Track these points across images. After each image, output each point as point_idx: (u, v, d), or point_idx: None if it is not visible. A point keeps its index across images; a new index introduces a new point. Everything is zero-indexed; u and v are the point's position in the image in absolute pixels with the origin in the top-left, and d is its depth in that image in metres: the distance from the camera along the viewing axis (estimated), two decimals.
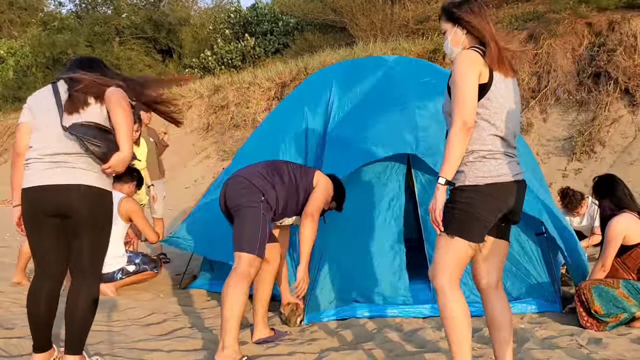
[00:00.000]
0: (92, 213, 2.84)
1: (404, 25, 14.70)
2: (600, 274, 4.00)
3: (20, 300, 4.49)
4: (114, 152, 2.82)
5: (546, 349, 3.38)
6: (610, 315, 3.78)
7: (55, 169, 2.81)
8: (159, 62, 23.67)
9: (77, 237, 2.86)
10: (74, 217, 2.82)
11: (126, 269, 4.93)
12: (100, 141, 2.80)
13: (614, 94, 9.91)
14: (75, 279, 2.91)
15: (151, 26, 23.71)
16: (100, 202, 2.89)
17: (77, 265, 2.90)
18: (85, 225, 2.84)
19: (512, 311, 4.17)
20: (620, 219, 3.98)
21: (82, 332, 2.88)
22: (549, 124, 10.39)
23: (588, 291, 3.84)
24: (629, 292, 3.83)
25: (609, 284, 3.87)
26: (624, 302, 3.80)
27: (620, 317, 3.81)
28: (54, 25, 23.72)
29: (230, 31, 20.09)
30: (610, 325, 3.81)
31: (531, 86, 10.86)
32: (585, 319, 3.83)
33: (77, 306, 2.84)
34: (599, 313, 3.77)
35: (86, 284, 2.88)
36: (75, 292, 2.88)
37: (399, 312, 4.18)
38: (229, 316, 3.12)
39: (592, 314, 3.79)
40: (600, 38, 10.54)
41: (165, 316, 4.21)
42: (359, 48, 13.86)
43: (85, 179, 2.82)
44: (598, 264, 4.03)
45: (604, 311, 3.76)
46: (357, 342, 3.61)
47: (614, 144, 9.44)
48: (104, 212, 2.93)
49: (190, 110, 16.06)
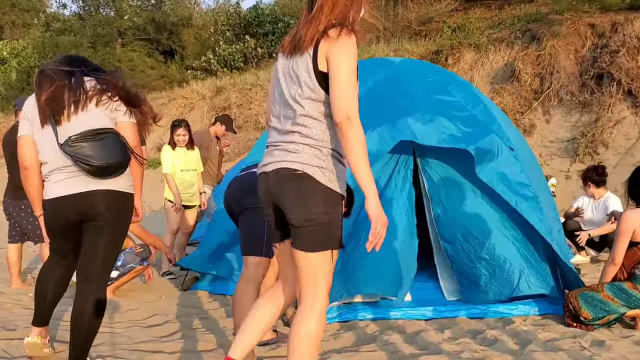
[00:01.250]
0: (116, 215, 2.84)
1: (406, 27, 14.70)
2: (611, 268, 4.00)
3: (22, 302, 4.50)
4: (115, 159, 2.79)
5: (549, 351, 3.37)
6: (598, 318, 3.82)
7: (75, 177, 2.79)
8: (161, 63, 23.70)
9: (97, 237, 2.83)
10: (98, 220, 2.81)
11: None
12: (96, 157, 2.74)
13: (617, 96, 9.90)
14: (82, 283, 2.85)
15: (153, 28, 23.76)
16: (124, 203, 2.89)
17: (88, 266, 2.84)
18: (108, 226, 2.83)
19: (515, 313, 4.21)
20: (632, 213, 3.98)
21: (88, 340, 2.85)
22: (551, 125, 10.37)
23: (575, 299, 3.88)
24: (614, 293, 3.85)
25: (594, 289, 3.91)
26: (610, 304, 3.83)
27: (609, 318, 3.85)
28: (56, 27, 23.77)
29: (232, 32, 20.11)
30: (598, 326, 3.85)
31: (534, 87, 10.84)
32: (576, 326, 3.88)
33: (85, 312, 2.79)
34: (588, 319, 3.82)
35: (93, 288, 2.82)
36: (82, 297, 2.81)
37: (402, 314, 4.17)
38: (238, 321, 3.12)
39: (581, 320, 3.84)
40: (603, 39, 10.53)
41: (167, 318, 4.20)
42: (361, 49, 13.84)
43: (106, 184, 2.81)
44: (609, 259, 4.04)
45: (592, 316, 3.81)
46: (359, 344, 3.60)
47: (617, 146, 9.43)
48: (126, 214, 2.93)
49: (192, 112, 16.07)
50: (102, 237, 2.82)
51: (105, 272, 2.90)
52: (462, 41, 12.00)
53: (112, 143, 2.81)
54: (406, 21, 14.73)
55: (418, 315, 4.19)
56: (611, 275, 4.00)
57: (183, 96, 16.58)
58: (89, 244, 2.84)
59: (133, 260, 4.86)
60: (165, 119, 16.45)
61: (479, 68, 11.78)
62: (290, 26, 19.04)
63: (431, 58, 11.96)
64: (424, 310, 4.22)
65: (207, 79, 17.98)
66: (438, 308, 4.22)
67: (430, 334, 3.73)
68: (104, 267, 2.87)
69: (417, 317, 4.18)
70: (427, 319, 4.16)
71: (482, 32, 12.30)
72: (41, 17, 25.83)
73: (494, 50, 11.75)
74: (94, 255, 2.83)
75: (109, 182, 2.81)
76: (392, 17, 14.96)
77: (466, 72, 11.69)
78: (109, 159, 2.77)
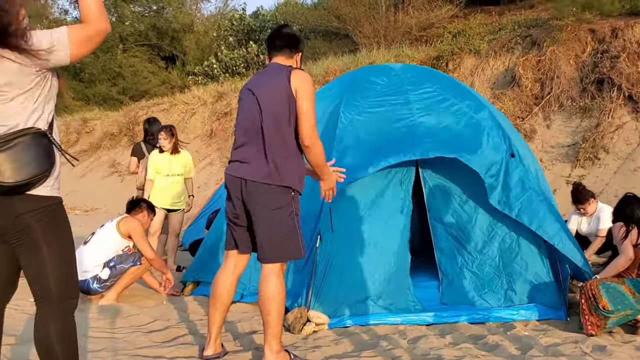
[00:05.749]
0: (47, 223, 2.20)
1: (407, 32, 14.73)
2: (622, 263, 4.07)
3: (23, 307, 4.50)
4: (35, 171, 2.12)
5: (550, 356, 3.37)
6: (616, 311, 3.78)
7: None
8: (163, 69, 23.75)
9: (32, 253, 2.20)
10: (24, 232, 2.18)
11: (100, 276, 4.73)
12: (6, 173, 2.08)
13: (618, 101, 9.89)
14: (39, 307, 2.26)
15: (155, 33, 23.82)
16: (54, 210, 2.24)
17: (40, 288, 2.24)
18: (43, 237, 2.20)
19: (516, 318, 4.21)
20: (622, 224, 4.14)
21: None
22: (552, 130, 10.37)
23: (596, 287, 3.85)
24: (635, 287, 3.85)
25: (615, 281, 3.91)
26: (630, 298, 3.81)
27: (625, 313, 3.82)
28: None
29: (234, 38, 20.17)
30: (612, 322, 3.82)
31: (534, 93, 10.85)
32: (587, 317, 3.82)
33: (50, 342, 2.20)
34: (607, 309, 3.76)
35: (53, 310, 2.24)
36: (42, 324, 2.23)
37: (403, 320, 4.17)
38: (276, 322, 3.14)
39: (597, 310, 3.78)
40: (603, 45, 10.54)
41: (168, 323, 4.20)
42: (362, 55, 13.88)
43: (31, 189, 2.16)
44: (620, 256, 4.10)
45: (612, 307, 3.77)
46: (360, 350, 3.59)
47: (618, 151, 9.42)
48: (59, 220, 2.27)
49: (193, 117, 16.10)
50: (41, 251, 2.21)
51: (63, 289, 2.26)
52: (463, 47, 12.02)
53: (27, 149, 2.12)
54: (407, 27, 14.74)
55: (419, 320, 4.19)
56: (619, 269, 4.06)
57: (184, 102, 16.60)
58: (30, 265, 2.24)
59: (126, 261, 4.83)
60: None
61: (479, 73, 11.80)
62: None
63: (432, 64, 11.97)
64: (424, 315, 4.22)
65: (208, 84, 18.01)
66: (439, 313, 4.23)
67: (431, 339, 3.73)
68: (58, 283, 2.25)
69: (418, 322, 4.18)
70: (428, 324, 4.16)
71: (482, 37, 12.32)
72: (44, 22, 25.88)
73: (495, 56, 11.77)
74: (40, 274, 2.24)
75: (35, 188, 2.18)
76: (392, 23, 14.99)
77: (467, 78, 11.70)
78: (26, 174, 2.11)
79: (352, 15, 15.42)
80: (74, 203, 13.56)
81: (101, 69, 21.82)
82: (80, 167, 16.77)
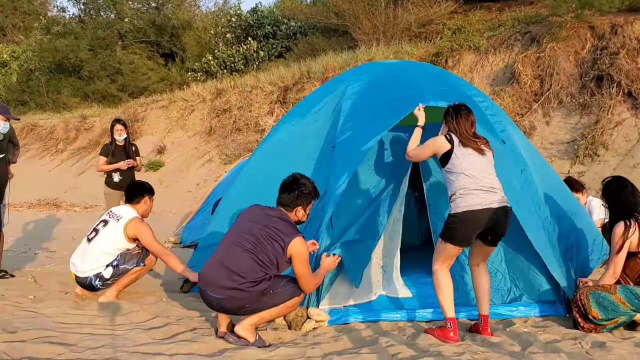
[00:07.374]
0: None
1: (406, 29, 14.70)
2: (609, 280, 3.96)
3: (23, 304, 4.50)
4: None
5: (550, 353, 3.38)
6: (608, 319, 3.80)
7: None
8: (162, 66, 23.71)
9: None
10: None
11: (102, 274, 4.70)
12: None
13: (617, 97, 9.89)
14: None
15: (154, 30, 23.74)
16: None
17: None
18: None
19: (516, 314, 4.22)
20: (620, 229, 3.95)
21: None
22: (551, 127, 10.37)
23: (585, 297, 3.86)
24: (626, 297, 3.81)
25: (607, 290, 3.88)
26: (620, 307, 3.81)
27: (619, 320, 3.82)
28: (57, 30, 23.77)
29: (232, 35, 20.11)
30: (608, 328, 3.82)
31: (534, 89, 10.84)
32: (582, 324, 3.84)
33: None
34: (597, 318, 3.79)
35: None
36: None
37: (402, 317, 4.18)
38: None
39: (587, 319, 3.81)
40: (602, 41, 10.53)
41: (167, 320, 4.20)
42: (362, 51, 13.87)
43: None
44: (609, 270, 3.97)
45: (602, 316, 3.79)
46: (360, 346, 3.60)
47: (617, 147, 9.42)
48: None
49: (192, 114, 16.09)
50: None
51: None
52: (462, 43, 12.01)
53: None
54: (406, 23, 14.71)
55: (418, 317, 4.20)
56: (608, 282, 3.96)
57: (183, 98, 16.59)
58: None
59: (129, 262, 4.80)
60: (166, 122, 16.50)
61: (478, 70, 11.79)
62: (291, 28, 19.06)
63: (431, 60, 11.97)
64: (424, 312, 4.22)
65: (207, 81, 17.98)
66: (438, 310, 4.23)
67: (430, 335, 3.74)
68: None
69: (417, 318, 4.18)
70: (428, 320, 4.17)
71: (482, 34, 12.31)
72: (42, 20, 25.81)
73: (494, 52, 11.76)
74: None
75: None
76: (391, 20, 14.95)
77: (466, 74, 11.70)
78: None
79: (351, 11, 15.38)
80: (73, 200, 13.55)
81: (100, 66, 21.74)
82: (80, 164, 16.76)
